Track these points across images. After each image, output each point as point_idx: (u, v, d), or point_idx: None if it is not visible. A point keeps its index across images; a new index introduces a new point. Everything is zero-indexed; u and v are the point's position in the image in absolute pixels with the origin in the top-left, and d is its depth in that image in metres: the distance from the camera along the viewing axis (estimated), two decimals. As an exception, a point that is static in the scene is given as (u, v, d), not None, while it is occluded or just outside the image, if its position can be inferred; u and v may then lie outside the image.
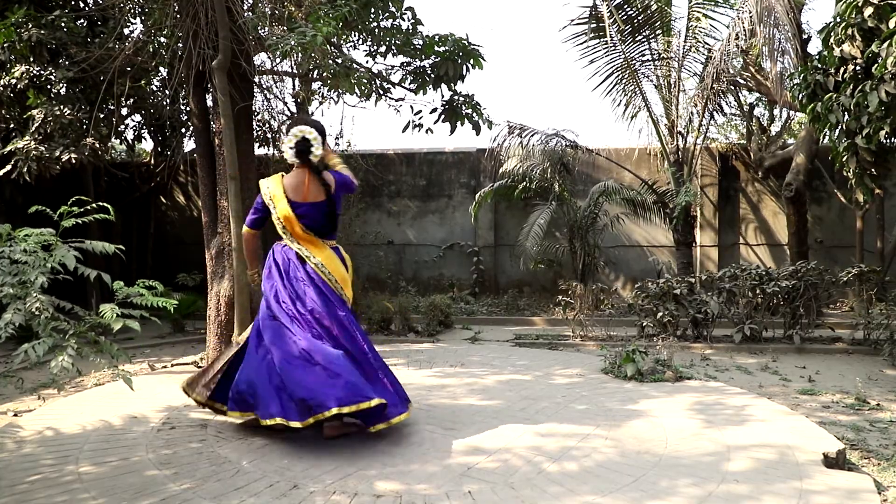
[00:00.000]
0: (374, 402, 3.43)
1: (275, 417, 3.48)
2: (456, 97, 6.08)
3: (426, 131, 6.35)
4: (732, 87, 9.05)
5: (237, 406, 3.67)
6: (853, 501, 2.78)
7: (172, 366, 6.02)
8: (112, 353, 2.93)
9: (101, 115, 7.52)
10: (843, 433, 3.81)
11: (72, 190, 6.18)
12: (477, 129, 6.12)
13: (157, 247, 11.02)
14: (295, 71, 6.78)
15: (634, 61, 8.69)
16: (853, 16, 5.18)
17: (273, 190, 3.86)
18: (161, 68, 7.61)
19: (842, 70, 5.42)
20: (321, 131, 3.90)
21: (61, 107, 6.96)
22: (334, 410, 3.36)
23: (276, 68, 6.88)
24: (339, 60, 5.66)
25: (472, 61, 5.83)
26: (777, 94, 8.01)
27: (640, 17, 8.46)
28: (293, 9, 5.44)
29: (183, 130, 9.17)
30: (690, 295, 6.93)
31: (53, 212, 3.00)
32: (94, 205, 3.11)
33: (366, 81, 5.66)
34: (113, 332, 2.81)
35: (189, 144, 9.56)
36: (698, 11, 8.45)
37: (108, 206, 3.12)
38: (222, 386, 3.84)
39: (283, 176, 3.91)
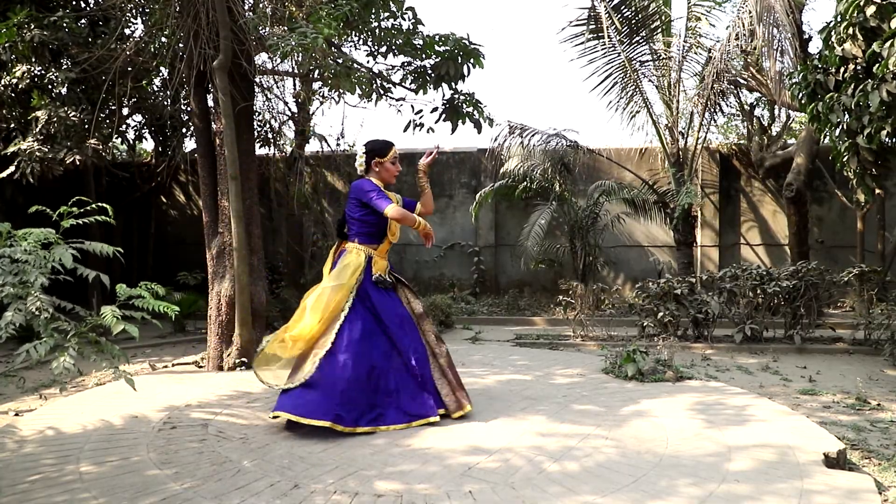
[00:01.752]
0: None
1: None
2: (457, 96, 6.07)
3: (427, 130, 6.35)
4: (733, 88, 9.05)
5: None
6: (854, 501, 2.78)
7: (173, 365, 6.02)
8: (113, 354, 2.93)
9: (103, 116, 7.52)
10: (844, 433, 3.81)
11: (73, 190, 6.19)
12: (478, 127, 6.12)
13: (158, 246, 11.04)
14: (296, 71, 6.78)
15: (634, 62, 8.69)
16: (855, 15, 5.18)
17: None
18: (162, 68, 7.62)
19: (842, 69, 5.41)
20: (367, 150, 4.22)
21: (65, 108, 6.97)
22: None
23: (276, 68, 6.89)
24: (340, 60, 5.67)
25: (472, 61, 5.83)
26: (777, 94, 8.01)
27: (638, 18, 8.46)
28: (294, 9, 5.44)
29: (184, 130, 9.18)
30: (691, 295, 6.92)
31: (55, 212, 3.00)
32: (94, 206, 3.11)
33: (366, 81, 5.67)
34: (113, 333, 2.81)
35: (190, 144, 9.59)
36: (698, 11, 8.45)
37: (108, 207, 3.12)
38: None
39: None
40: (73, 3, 7.88)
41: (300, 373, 3.84)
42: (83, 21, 7.50)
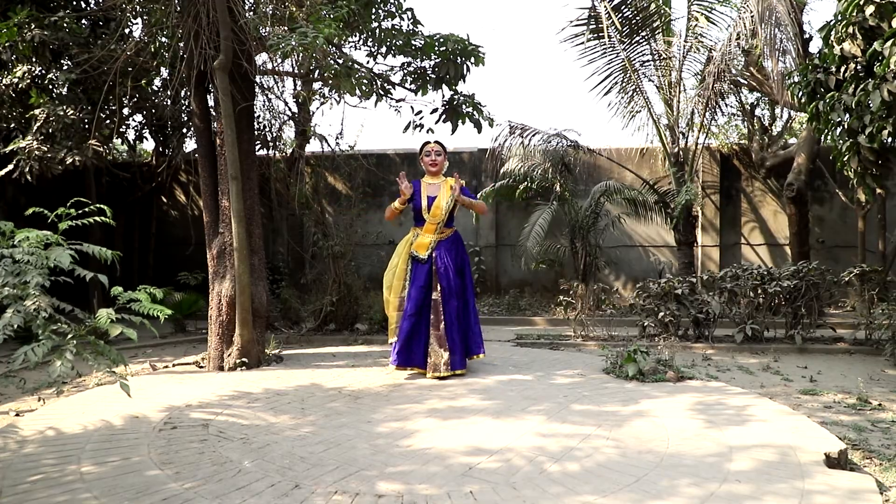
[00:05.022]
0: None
1: None
2: (457, 96, 6.07)
3: (427, 131, 6.35)
4: (734, 87, 9.04)
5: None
6: (855, 502, 2.78)
7: (174, 366, 6.02)
8: (111, 357, 2.92)
9: (103, 116, 7.52)
10: (845, 433, 3.81)
11: (74, 190, 6.22)
12: (478, 127, 6.12)
13: (159, 246, 11.05)
14: (296, 71, 6.78)
15: (634, 62, 8.68)
16: (854, 14, 5.18)
17: None
18: (162, 68, 7.62)
19: (843, 69, 5.41)
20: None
21: (64, 107, 6.96)
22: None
23: (277, 68, 6.89)
24: (340, 61, 5.67)
25: (472, 59, 5.83)
26: (778, 93, 8.01)
27: (638, 18, 8.45)
28: (294, 9, 5.44)
29: (184, 130, 9.18)
30: (692, 295, 6.92)
31: (54, 212, 3.00)
32: (93, 206, 3.11)
33: (366, 82, 5.67)
34: (111, 336, 2.82)
35: (190, 144, 9.58)
36: (698, 11, 8.44)
37: (107, 209, 3.12)
38: None
39: None
40: (74, 3, 7.88)
41: None
42: (84, 21, 7.50)
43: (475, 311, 5.55)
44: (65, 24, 6.97)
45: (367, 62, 6.02)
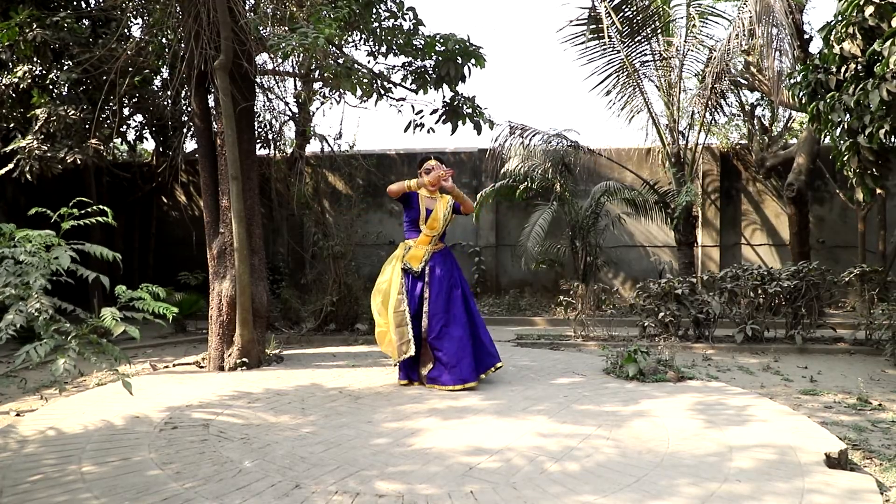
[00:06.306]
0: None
1: None
2: (457, 97, 6.07)
3: (428, 131, 6.36)
4: (733, 87, 9.05)
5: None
6: (855, 502, 2.78)
7: (174, 366, 6.02)
8: (114, 356, 2.92)
9: (104, 116, 7.53)
10: (845, 433, 3.81)
11: (74, 190, 6.23)
12: (478, 128, 6.12)
13: (159, 246, 11.05)
14: (296, 71, 6.78)
15: (634, 61, 8.68)
16: (854, 14, 5.18)
17: None
18: (163, 68, 7.63)
19: (843, 69, 5.41)
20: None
21: (65, 107, 6.97)
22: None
23: (277, 68, 6.89)
24: (341, 61, 5.67)
25: (473, 60, 5.82)
26: (776, 93, 8.02)
27: (638, 18, 8.45)
28: (294, 9, 5.45)
29: (185, 130, 9.19)
30: (692, 295, 6.92)
31: (55, 212, 3.01)
32: (94, 207, 3.11)
33: (367, 81, 5.67)
34: (114, 335, 2.82)
35: (191, 144, 9.58)
36: (698, 11, 8.44)
37: (108, 210, 3.12)
38: None
39: None
40: (75, 3, 7.89)
41: None
42: (84, 21, 7.51)
43: (482, 323, 5.30)
44: (65, 24, 6.97)
45: (368, 61, 6.02)
